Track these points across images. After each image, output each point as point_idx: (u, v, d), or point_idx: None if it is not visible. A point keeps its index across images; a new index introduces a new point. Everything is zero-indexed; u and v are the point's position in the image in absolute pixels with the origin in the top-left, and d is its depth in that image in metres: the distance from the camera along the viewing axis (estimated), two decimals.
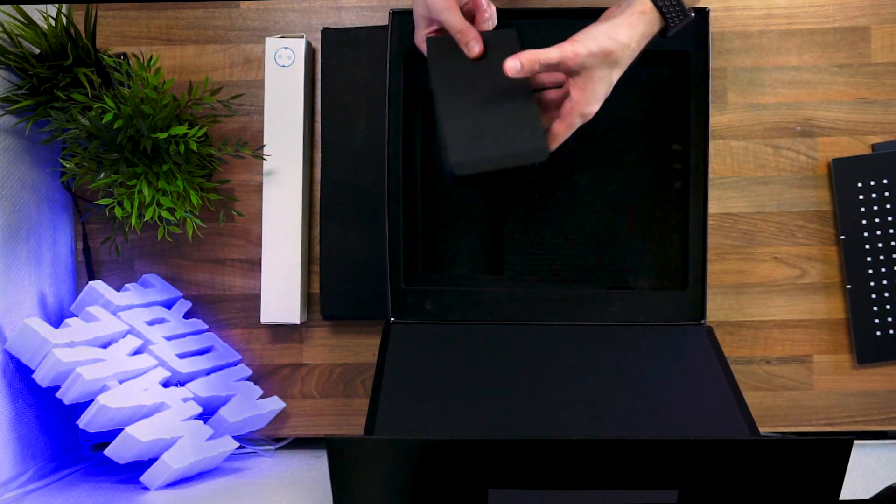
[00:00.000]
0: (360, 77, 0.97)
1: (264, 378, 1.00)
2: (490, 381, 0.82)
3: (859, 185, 0.96)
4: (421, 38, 0.85)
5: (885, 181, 0.96)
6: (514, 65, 0.74)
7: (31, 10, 0.89)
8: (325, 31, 0.97)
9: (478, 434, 0.74)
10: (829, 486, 0.66)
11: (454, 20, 0.80)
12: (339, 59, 0.97)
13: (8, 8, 0.88)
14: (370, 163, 0.96)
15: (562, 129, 0.77)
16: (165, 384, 0.90)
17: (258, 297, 0.98)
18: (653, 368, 0.84)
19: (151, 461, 0.85)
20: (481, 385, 0.81)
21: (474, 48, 0.79)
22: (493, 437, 0.72)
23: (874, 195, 0.96)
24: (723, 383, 0.81)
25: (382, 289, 0.92)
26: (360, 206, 0.97)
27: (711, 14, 0.93)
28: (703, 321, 0.91)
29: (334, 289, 0.97)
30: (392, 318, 0.92)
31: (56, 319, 0.95)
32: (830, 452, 0.65)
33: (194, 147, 0.88)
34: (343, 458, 0.66)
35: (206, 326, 0.99)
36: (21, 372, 0.87)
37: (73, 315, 0.91)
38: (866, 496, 0.75)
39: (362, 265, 0.96)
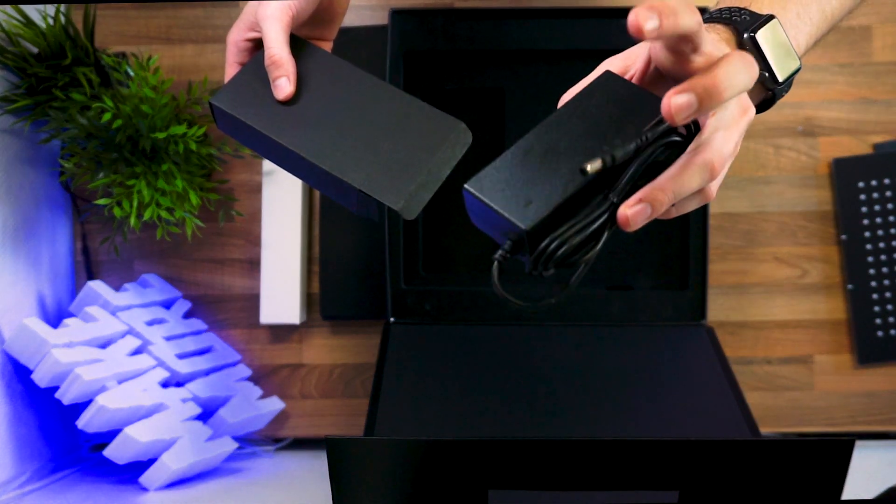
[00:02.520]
0: None
1: (264, 378, 1.00)
2: (490, 380, 0.82)
3: (861, 184, 0.96)
4: (237, 38, 0.68)
5: (886, 181, 0.96)
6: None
7: (29, 9, 0.89)
8: None
9: (478, 434, 0.73)
10: (831, 487, 0.66)
11: (277, 40, 0.63)
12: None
13: (7, 8, 0.88)
14: None
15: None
16: (164, 384, 0.90)
17: (258, 297, 0.98)
18: (653, 368, 0.84)
19: (150, 462, 0.85)
20: (481, 385, 0.81)
21: (282, 89, 0.64)
22: (494, 437, 0.72)
23: (875, 195, 0.96)
24: (723, 383, 0.81)
25: (382, 289, 0.92)
26: None
27: None
28: (703, 321, 0.91)
29: (334, 289, 0.97)
30: (392, 319, 0.91)
31: (55, 319, 0.95)
32: (832, 453, 0.65)
33: (193, 147, 0.87)
34: (342, 458, 0.66)
35: (206, 326, 0.99)
36: (19, 372, 0.87)
37: (71, 315, 0.91)
38: (868, 497, 0.75)
39: (362, 265, 0.96)
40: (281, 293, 0.96)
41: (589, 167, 0.47)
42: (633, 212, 0.49)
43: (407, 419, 0.76)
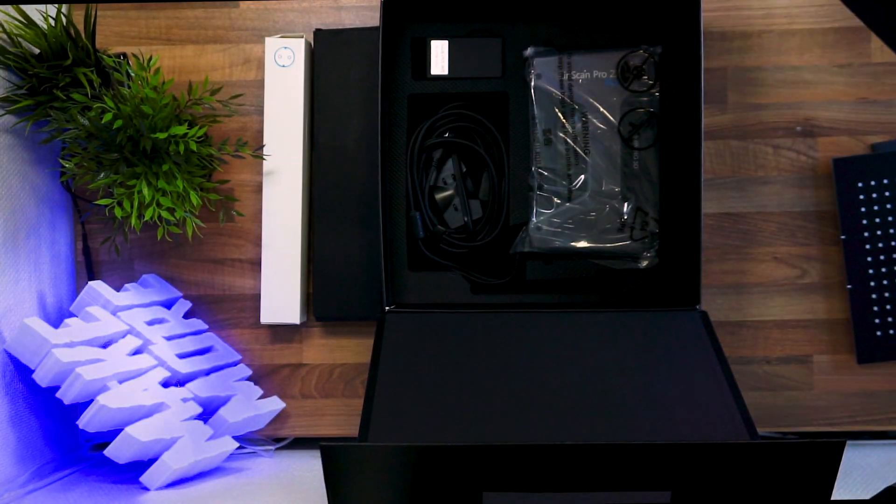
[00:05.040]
0: (352, 78, 0.97)
1: (264, 378, 1.00)
2: (483, 372, 0.81)
3: (860, 184, 0.96)
4: None
5: (885, 181, 0.96)
6: None
7: (30, 10, 0.89)
8: (318, 33, 0.97)
9: (472, 432, 0.74)
10: (821, 488, 0.66)
11: None
12: (332, 60, 0.97)
13: (8, 8, 0.88)
14: (363, 163, 0.96)
15: None
16: (165, 384, 0.90)
17: (258, 297, 0.98)
18: (647, 358, 0.84)
19: (151, 461, 0.85)
20: (474, 377, 0.81)
21: None
22: (488, 436, 0.72)
23: (874, 195, 0.96)
24: (717, 371, 0.80)
25: (375, 290, 0.91)
26: (353, 207, 0.96)
27: (711, 14, 0.92)
28: (697, 306, 0.89)
29: (327, 290, 0.97)
30: (388, 307, 0.90)
31: (56, 319, 0.95)
32: (823, 454, 0.65)
33: (194, 147, 0.88)
34: (337, 464, 0.66)
35: (206, 326, 0.99)
36: (21, 372, 0.87)
37: (72, 315, 0.91)
38: (867, 496, 0.75)
39: (356, 266, 0.96)
40: (281, 293, 0.96)
41: None
42: None
43: (402, 416, 0.76)
